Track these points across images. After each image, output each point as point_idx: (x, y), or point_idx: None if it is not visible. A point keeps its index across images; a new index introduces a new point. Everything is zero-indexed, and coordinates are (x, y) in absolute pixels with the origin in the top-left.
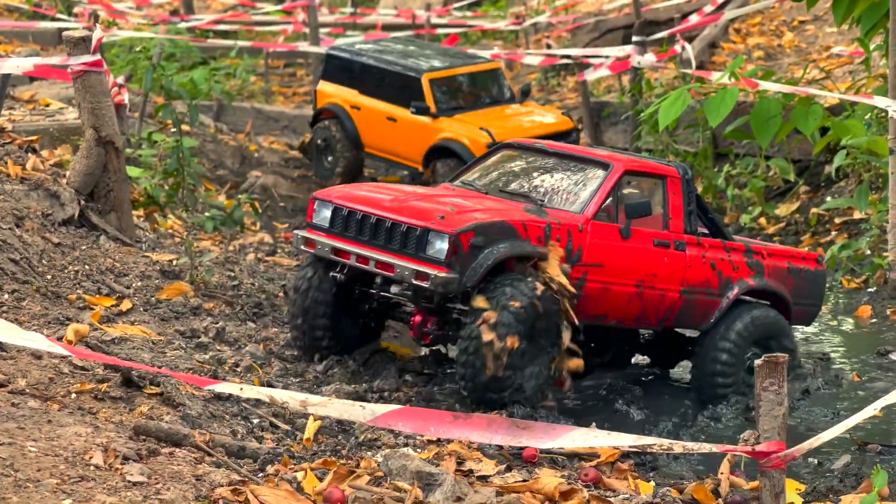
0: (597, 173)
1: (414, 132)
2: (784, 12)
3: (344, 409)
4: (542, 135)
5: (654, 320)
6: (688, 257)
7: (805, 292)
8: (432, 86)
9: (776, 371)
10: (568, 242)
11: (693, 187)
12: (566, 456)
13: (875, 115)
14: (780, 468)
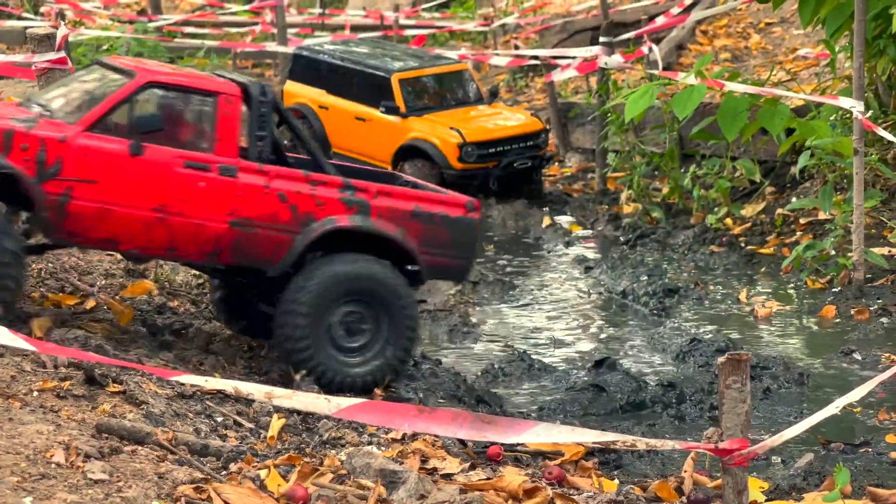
0: (119, 83)
1: (383, 132)
2: (751, 14)
3: (308, 402)
4: (509, 135)
5: (195, 253)
6: (240, 185)
7: (443, 242)
8: (402, 86)
9: (739, 369)
10: (41, 153)
11: (269, 110)
12: (530, 454)
13: (840, 116)
14: (743, 466)
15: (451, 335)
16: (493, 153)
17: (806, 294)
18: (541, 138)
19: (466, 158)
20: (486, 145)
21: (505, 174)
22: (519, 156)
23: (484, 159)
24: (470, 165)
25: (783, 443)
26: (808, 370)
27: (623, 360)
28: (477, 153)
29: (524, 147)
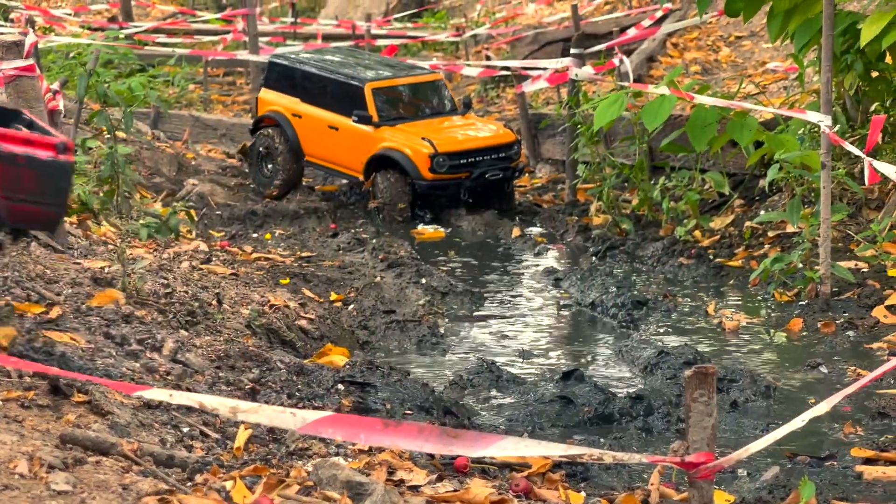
0: None
1: (355, 141)
2: (721, 28)
3: (274, 416)
4: (481, 147)
5: None
6: None
7: (28, 186)
8: (375, 95)
9: (706, 382)
10: None
11: None
12: (497, 466)
13: (808, 130)
14: (709, 479)
15: (420, 346)
16: (464, 164)
17: (773, 307)
18: (513, 150)
19: (438, 169)
20: (458, 156)
21: (476, 185)
22: (491, 167)
23: (455, 170)
24: (441, 176)
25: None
26: (775, 383)
27: (591, 371)
28: (448, 164)
29: (496, 158)
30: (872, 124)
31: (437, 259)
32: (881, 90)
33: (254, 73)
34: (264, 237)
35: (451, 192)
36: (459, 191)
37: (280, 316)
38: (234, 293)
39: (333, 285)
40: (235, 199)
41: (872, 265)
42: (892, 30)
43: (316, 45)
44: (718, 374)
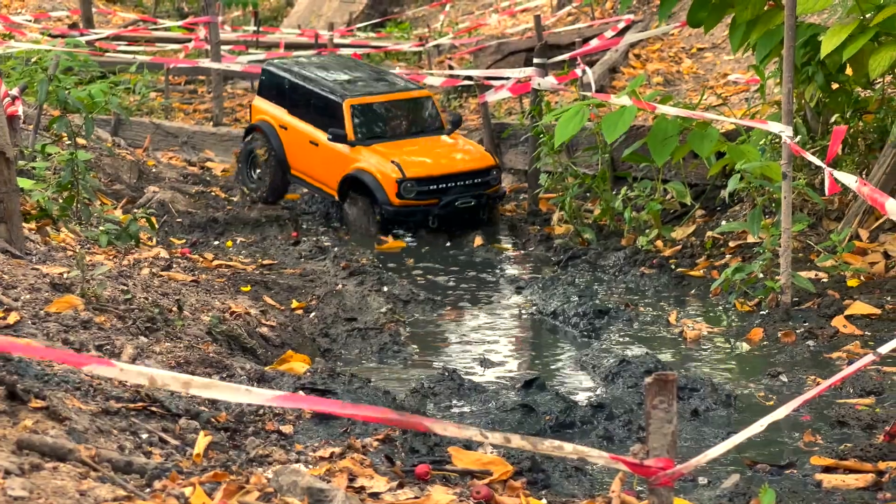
0: None
1: (332, 159)
2: (683, 39)
3: (229, 392)
4: (453, 172)
5: None
6: None
7: None
8: (353, 112)
9: (666, 389)
10: None
11: None
12: (458, 474)
13: (769, 140)
14: (669, 486)
15: (381, 354)
16: (433, 190)
17: (734, 316)
18: (490, 175)
19: (405, 194)
20: (427, 181)
21: (446, 213)
22: (462, 194)
23: (424, 196)
24: (409, 202)
25: (710, 464)
26: (736, 392)
27: (553, 380)
28: (417, 189)
29: (469, 185)
30: (833, 135)
31: (399, 267)
32: (841, 102)
33: (215, 81)
34: (225, 244)
35: (419, 218)
36: (427, 218)
37: (241, 323)
38: (194, 300)
39: (295, 293)
40: (197, 206)
41: (832, 275)
42: (853, 42)
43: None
44: (679, 383)
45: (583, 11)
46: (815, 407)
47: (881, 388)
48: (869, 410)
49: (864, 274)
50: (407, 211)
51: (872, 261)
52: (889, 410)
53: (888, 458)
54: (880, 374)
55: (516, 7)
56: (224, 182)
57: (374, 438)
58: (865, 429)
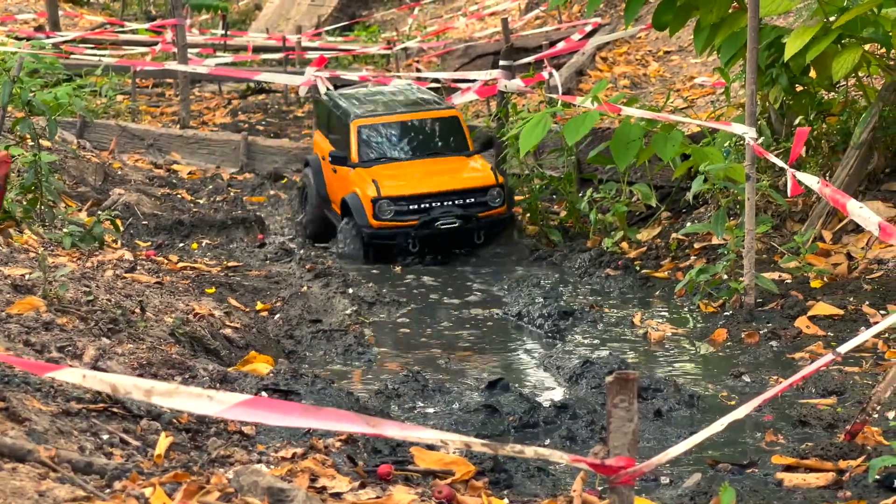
0: None
1: (340, 184)
2: (650, 43)
3: (191, 401)
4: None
5: None
6: None
7: None
8: (360, 133)
9: (626, 388)
10: None
11: None
12: (421, 474)
13: (734, 142)
14: (630, 484)
15: (346, 355)
16: (412, 210)
17: (698, 317)
18: (488, 195)
19: (380, 215)
20: (405, 201)
21: (426, 236)
22: (444, 214)
23: (402, 217)
24: (386, 223)
25: (671, 464)
26: (699, 392)
27: (517, 381)
28: (394, 209)
29: (454, 205)
30: (796, 137)
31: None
32: (805, 104)
33: (182, 83)
34: (191, 247)
35: (400, 242)
36: (407, 242)
37: (204, 324)
38: (158, 302)
39: (260, 295)
40: (162, 208)
41: (796, 276)
42: (816, 44)
43: (246, 58)
44: (642, 383)
45: (550, 15)
46: (777, 407)
47: (843, 388)
48: (830, 410)
49: (827, 275)
50: (385, 233)
51: (835, 262)
52: (850, 410)
53: (849, 457)
54: (842, 374)
55: (484, 10)
56: (190, 185)
57: (336, 438)
58: (827, 428)
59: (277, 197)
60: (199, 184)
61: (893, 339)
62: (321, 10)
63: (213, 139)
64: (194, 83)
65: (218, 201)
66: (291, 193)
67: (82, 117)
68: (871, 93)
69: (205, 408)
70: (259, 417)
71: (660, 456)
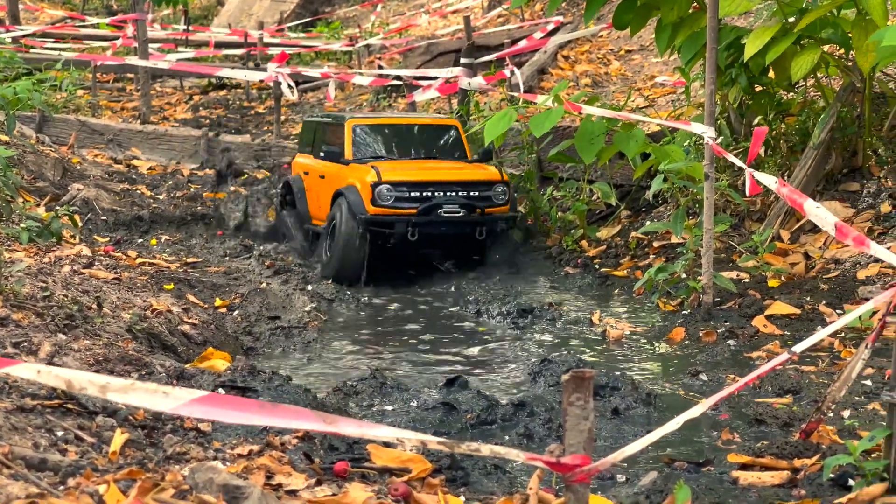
0: None
1: (329, 185)
2: (612, 41)
3: (146, 397)
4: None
5: None
6: None
7: None
8: (355, 132)
9: (582, 386)
10: None
11: None
12: (377, 471)
13: (694, 142)
14: (585, 482)
15: (305, 352)
16: (413, 198)
17: (657, 316)
18: (492, 190)
19: (380, 200)
20: (406, 187)
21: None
22: (448, 203)
23: (402, 203)
24: (385, 210)
25: (628, 462)
26: (656, 391)
27: (475, 378)
28: (394, 195)
29: (457, 195)
30: (754, 137)
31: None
32: (764, 104)
33: (143, 78)
34: (150, 242)
35: (399, 231)
36: (406, 230)
37: (162, 321)
38: (115, 297)
39: (219, 291)
40: (121, 204)
41: (754, 276)
42: (776, 45)
43: (207, 53)
44: (600, 381)
45: (513, 13)
46: (733, 405)
47: (799, 387)
48: (786, 409)
49: (784, 274)
50: (382, 220)
51: (793, 261)
52: (806, 409)
53: (803, 456)
54: (798, 374)
55: (447, 8)
56: (150, 180)
57: (293, 436)
58: (783, 427)
59: (237, 193)
60: (158, 179)
61: (849, 339)
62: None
63: (174, 135)
64: (155, 78)
65: (178, 197)
66: (252, 189)
67: (41, 112)
68: (830, 93)
69: (160, 404)
70: (215, 414)
71: (615, 454)
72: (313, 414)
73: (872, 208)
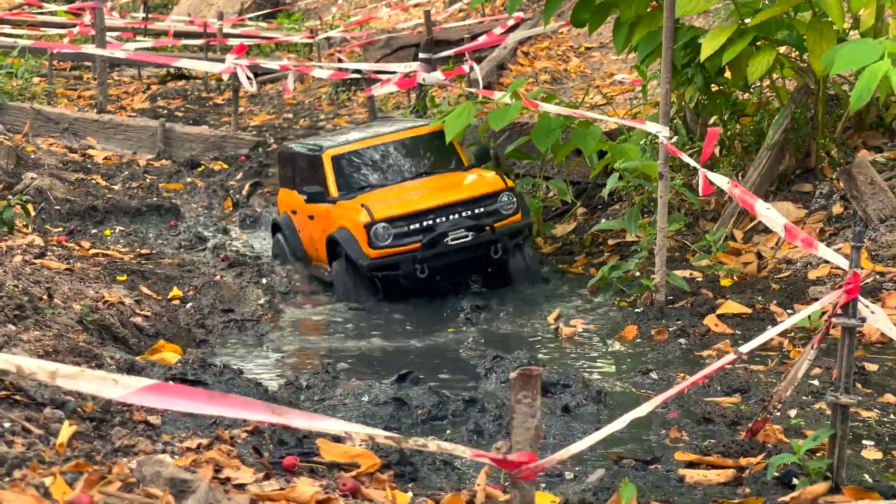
0: None
1: (322, 226)
2: (571, 39)
3: (95, 384)
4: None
5: None
6: None
7: None
8: (335, 164)
9: (530, 384)
10: None
11: None
12: (326, 466)
13: (650, 140)
14: (531, 479)
15: (258, 345)
16: (414, 231)
17: (610, 314)
18: (499, 201)
19: (377, 242)
20: (403, 221)
21: (436, 256)
22: (454, 228)
23: (403, 240)
24: (386, 251)
25: (576, 460)
26: (607, 388)
27: (426, 374)
28: (392, 233)
29: (462, 217)
30: (707, 137)
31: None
32: (720, 104)
33: (100, 67)
34: (104, 233)
35: (405, 270)
36: (414, 269)
37: (114, 312)
38: (67, 288)
39: (172, 283)
40: (76, 194)
41: (707, 275)
42: (732, 45)
43: (166, 43)
44: (551, 379)
45: (474, 8)
46: (682, 404)
47: (748, 386)
48: (734, 408)
49: (737, 274)
50: (385, 263)
51: (746, 261)
52: (754, 408)
53: (749, 455)
54: (747, 373)
55: (408, 1)
56: (105, 170)
57: (242, 430)
58: (730, 426)
59: (194, 184)
60: (114, 169)
61: (799, 339)
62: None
63: (130, 125)
64: (113, 67)
65: (133, 188)
66: (209, 181)
67: None
68: (785, 95)
69: (109, 391)
70: (163, 403)
71: (561, 452)
72: (262, 405)
73: (825, 209)
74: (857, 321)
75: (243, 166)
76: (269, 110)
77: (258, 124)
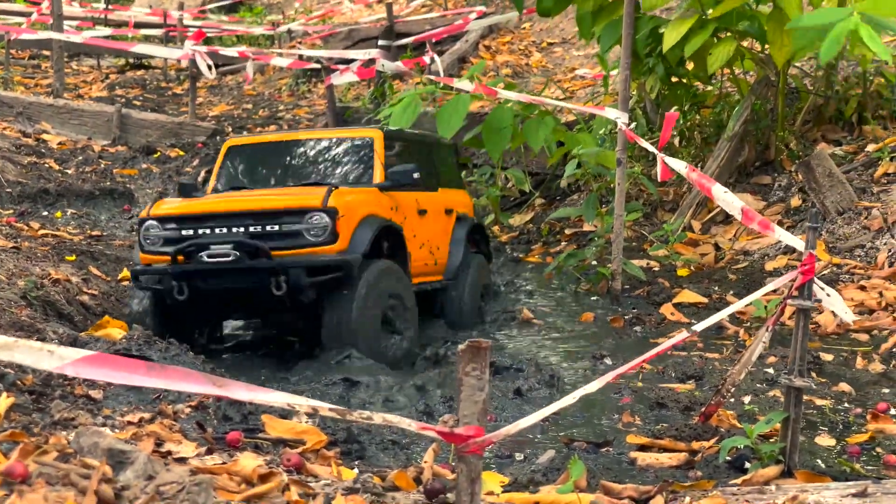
0: None
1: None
2: (534, 34)
3: (31, 354)
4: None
5: None
6: None
7: None
8: (229, 155)
9: (479, 356)
10: None
11: None
12: (272, 442)
13: (609, 130)
14: (478, 454)
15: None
16: (184, 237)
17: (565, 301)
18: (304, 222)
19: (147, 245)
20: (175, 223)
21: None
22: (217, 241)
23: (169, 247)
24: (154, 258)
25: (527, 443)
26: (559, 372)
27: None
28: (161, 236)
29: (231, 231)
30: (665, 121)
31: None
32: (680, 95)
33: (57, 53)
34: (55, 215)
35: (165, 286)
36: (171, 286)
37: (60, 290)
38: (12, 266)
39: (123, 264)
40: (28, 177)
41: (664, 265)
42: (694, 37)
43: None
44: (504, 363)
45: (437, 3)
46: (636, 390)
47: (702, 373)
48: (688, 394)
49: (694, 264)
50: (150, 273)
51: (703, 251)
52: (707, 394)
53: (702, 439)
54: (702, 360)
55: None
56: (59, 155)
57: (186, 405)
58: (683, 411)
59: (149, 170)
60: (68, 154)
61: (755, 328)
62: None
63: (86, 110)
64: (73, 57)
65: (87, 172)
66: (164, 167)
67: None
68: (745, 87)
69: (44, 362)
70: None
71: (509, 427)
72: (203, 377)
73: (783, 201)
74: (811, 303)
75: (200, 153)
76: (229, 101)
77: (217, 114)
